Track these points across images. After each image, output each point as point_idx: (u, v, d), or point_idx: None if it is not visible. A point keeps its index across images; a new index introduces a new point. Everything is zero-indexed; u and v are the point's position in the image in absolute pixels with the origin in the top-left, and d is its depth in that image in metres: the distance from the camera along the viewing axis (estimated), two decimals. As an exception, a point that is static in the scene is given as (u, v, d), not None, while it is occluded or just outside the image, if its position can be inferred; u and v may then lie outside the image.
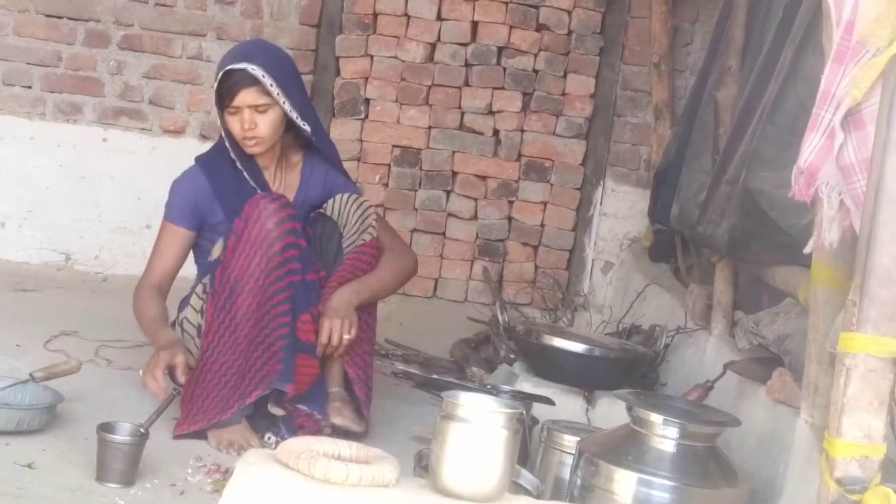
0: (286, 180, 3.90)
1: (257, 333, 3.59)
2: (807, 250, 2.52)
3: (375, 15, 5.72)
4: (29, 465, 3.27)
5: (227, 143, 3.77)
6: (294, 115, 3.73)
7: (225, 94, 3.68)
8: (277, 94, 3.67)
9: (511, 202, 5.80)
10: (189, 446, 3.57)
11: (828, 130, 2.38)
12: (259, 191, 3.77)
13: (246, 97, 3.66)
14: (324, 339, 3.64)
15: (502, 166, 5.77)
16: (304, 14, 5.75)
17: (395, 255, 3.90)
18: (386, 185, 5.79)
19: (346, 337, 3.66)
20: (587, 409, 3.78)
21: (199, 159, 3.90)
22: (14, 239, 5.75)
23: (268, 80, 3.65)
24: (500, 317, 4.79)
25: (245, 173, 3.79)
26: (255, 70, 3.65)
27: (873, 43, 2.29)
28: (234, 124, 3.71)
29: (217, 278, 3.65)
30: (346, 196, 3.88)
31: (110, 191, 5.77)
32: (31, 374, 3.68)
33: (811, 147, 2.42)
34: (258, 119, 3.69)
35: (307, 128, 3.78)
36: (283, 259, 3.61)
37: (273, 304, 3.60)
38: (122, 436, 3.31)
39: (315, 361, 3.68)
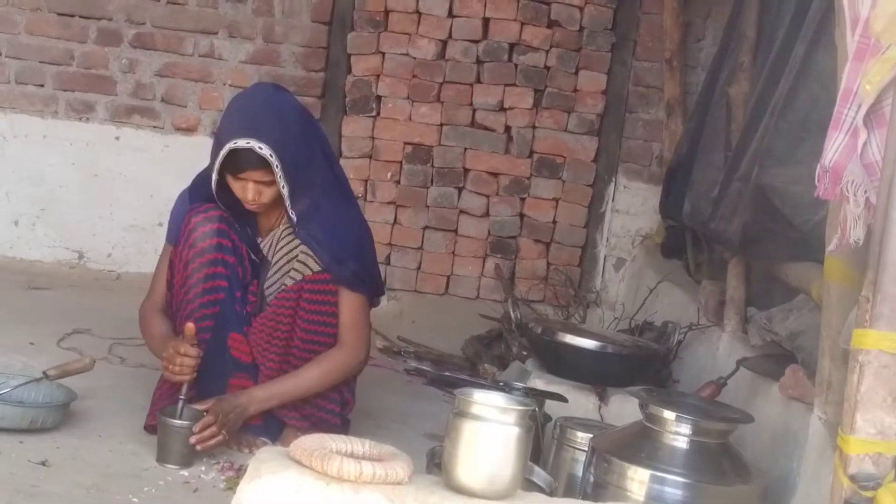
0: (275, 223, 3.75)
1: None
2: (830, 248, 2.51)
3: (387, 12, 5.72)
4: (43, 463, 3.28)
5: (213, 187, 3.59)
6: (287, 203, 3.56)
7: (230, 163, 3.52)
8: (280, 176, 3.50)
9: (523, 199, 5.79)
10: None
11: (851, 129, 2.38)
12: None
13: (253, 175, 3.53)
14: (199, 426, 3.41)
15: (514, 163, 5.77)
16: (316, 11, 5.75)
17: (337, 353, 3.67)
18: (398, 182, 5.79)
19: (214, 440, 3.43)
20: (600, 406, 3.78)
21: (191, 185, 3.79)
22: (27, 237, 5.77)
23: (274, 161, 3.48)
24: (512, 314, 4.80)
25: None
26: (263, 150, 3.46)
27: (886, 38, 2.28)
28: (239, 189, 3.57)
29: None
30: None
31: (123, 189, 5.79)
32: (44, 372, 3.69)
33: (835, 146, 2.41)
34: (263, 189, 3.55)
35: (294, 217, 3.58)
36: (205, 275, 3.58)
37: (194, 319, 3.55)
38: (182, 420, 3.42)
39: (251, 383, 3.64)
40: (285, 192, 3.54)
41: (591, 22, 5.70)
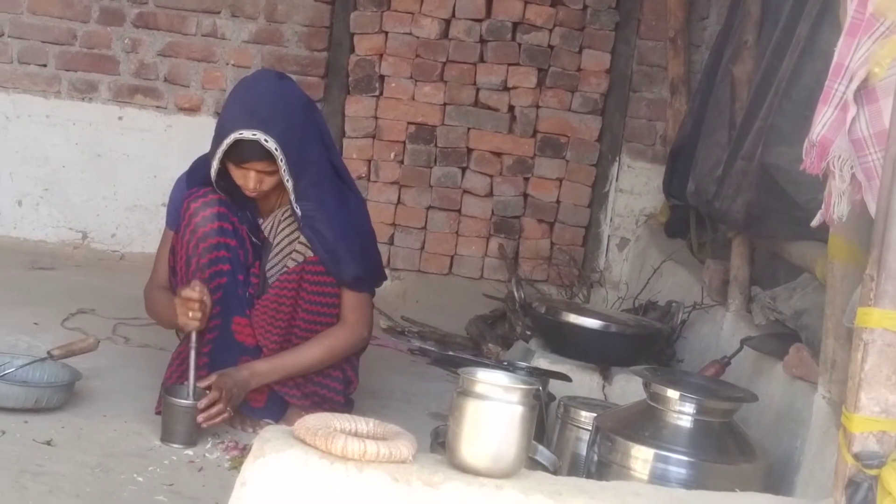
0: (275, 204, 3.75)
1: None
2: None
3: (390, -9, 5.71)
4: (48, 443, 3.29)
5: (213, 175, 3.58)
6: (292, 198, 3.56)
7: (233, 153, 3.52)
8: (284, 170, 3.50)
9: (526, 179, 5.78)
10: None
11: (840, 103, 2.37)
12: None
13: (256, 165, 3.52)
14: (204, 403, 3.43)
15: (518, 143, 5.76)
16: (319, -9, 5.74)
17: (338, 330, 3.68)
18: (401, 162, 5.78)
19: (220, 417, 3.46)
20: (604, 386, 3.78)
21: (189, 170, 3.78)
22: (31, 217, 5.77)
23: (279, 155, 3.48)
24: (515, 293, 4.81)
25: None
26: (269, 143, 3.46)
27: (891, 16, 2.27)
28: (240, 177, 3.57)
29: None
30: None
31: (126, 169, 5.79)
32: (49, 352, 3.70)
33: (823, 120, 2.40)
34: (265, 178, 3.56)
35: (300, 212, 3.57)
36: (209, 260, 3.59)
37: None
38: (184, 399, 3.43)
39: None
40: (290, 185, 3.53)
41: (595, 1, 5.68)
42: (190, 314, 3.46)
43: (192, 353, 3.47)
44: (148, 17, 5.75)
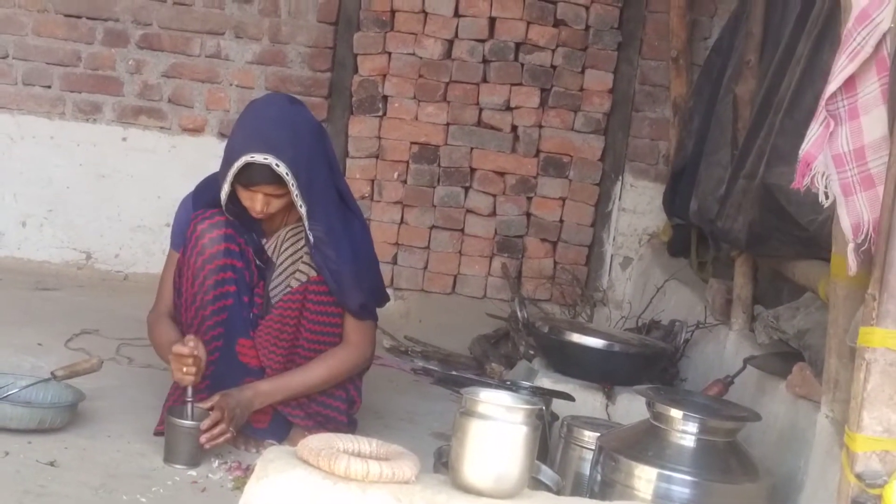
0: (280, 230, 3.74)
1: None
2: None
3: (393, 12, 5.73)
4: (51, 464, 3.29)
5: (223, 197, 3.57)
6: (306, 225, 3.56)
7: (243, 175, 3.51)
8: (297, 195, 3.50)
9: (529, 198, 5.79)
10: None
11: (824, 119, 2.39)
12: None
13: (265, 188, 3.52)
14: (206, 423, 3.42)
15: (521, 162, 5.77)
16: (322, 12, 5.75)
17: (342, 350, 3.69)
18: (404, 182, 5.79)
19: (223, 437, 3.44)
20: (607, 405, 3.78)
21: (195, 191, 3.78)
22: (35, 238, 5.78)
23: (290, 180, 3.47)
24: (519, 313, 4.80)
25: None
26: (280, 168, 3.46)
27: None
28: (247, 199, 3.56)
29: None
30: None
31: (130, 190, 5.80)
32: (52, 373, 3.70)
33: (809, 135, 2.42)
34: (272, 201, 3.55)
35: (312, 238, 3.56)
36: (215, 281, 3.58)
37: (205, 328, 3.57)
38: (189, 419, 3.43)
39: None
40: (304, 211, 3.53)
41: (598, 21, 5.70)
42: (184, 369, 3.45)
43: (190, 407, 3.46)
44: (152, 39, 5.77)
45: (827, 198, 2.40)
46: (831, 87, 2.33)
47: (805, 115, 3.21)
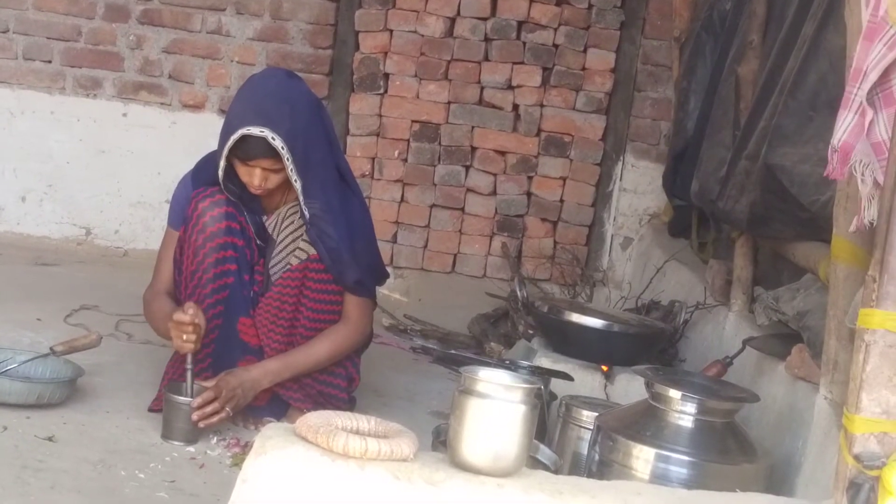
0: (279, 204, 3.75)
1: None
2: (851, 230, 2.50)
3: (395, -11, 5.72)
4: (49, 439, 3.29)
5: (220, 173, 3.57)
6: (301, 200, 3.56)
7: (240, 149, 3.51)
8: (291, 169, 3.50)
9: (530, 177, 5.78)
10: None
11: (860, 108, 2.37)
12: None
13: (262, 162, 3.52)
14: (197, 402, 3.41)
15: (522, 141, 5.76)
16: (324, -12, 5.74)
17: (343, 327, 3.69)
18: (405, 160, 5.78)
19: (216, 416, 3.44)
20: (605, 385, 3.78)
21: (194, 169, 3.78)
22: (35, 213, 5.78)
23: (286, 154, 3.48)
24: (518, 292, 4.80)
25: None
26: (276, 141, 3.46)
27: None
28: (245, 174, 3.56)
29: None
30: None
31: (130, 165, 5.79)
32: (51, 348, 3.71)
33: (844, 125, 2.40)
34: (270, 176, 3.55)
35: (308, 213, 3.57)
36: (216, 259, 3.59)
37: (206, 306, 3.57)
38: (188, 396, 3.43)
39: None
40: (298, 186, 3.53)
41: (600, 0, 5.68)
42: (184, 337, 3.45)
43: (189, 375, 3.46)
44: (153, 14, 5.75)
45: (867, 185, 2.38)
46: (872, 76, 2.31)
47: (808, 96, 3.20)
